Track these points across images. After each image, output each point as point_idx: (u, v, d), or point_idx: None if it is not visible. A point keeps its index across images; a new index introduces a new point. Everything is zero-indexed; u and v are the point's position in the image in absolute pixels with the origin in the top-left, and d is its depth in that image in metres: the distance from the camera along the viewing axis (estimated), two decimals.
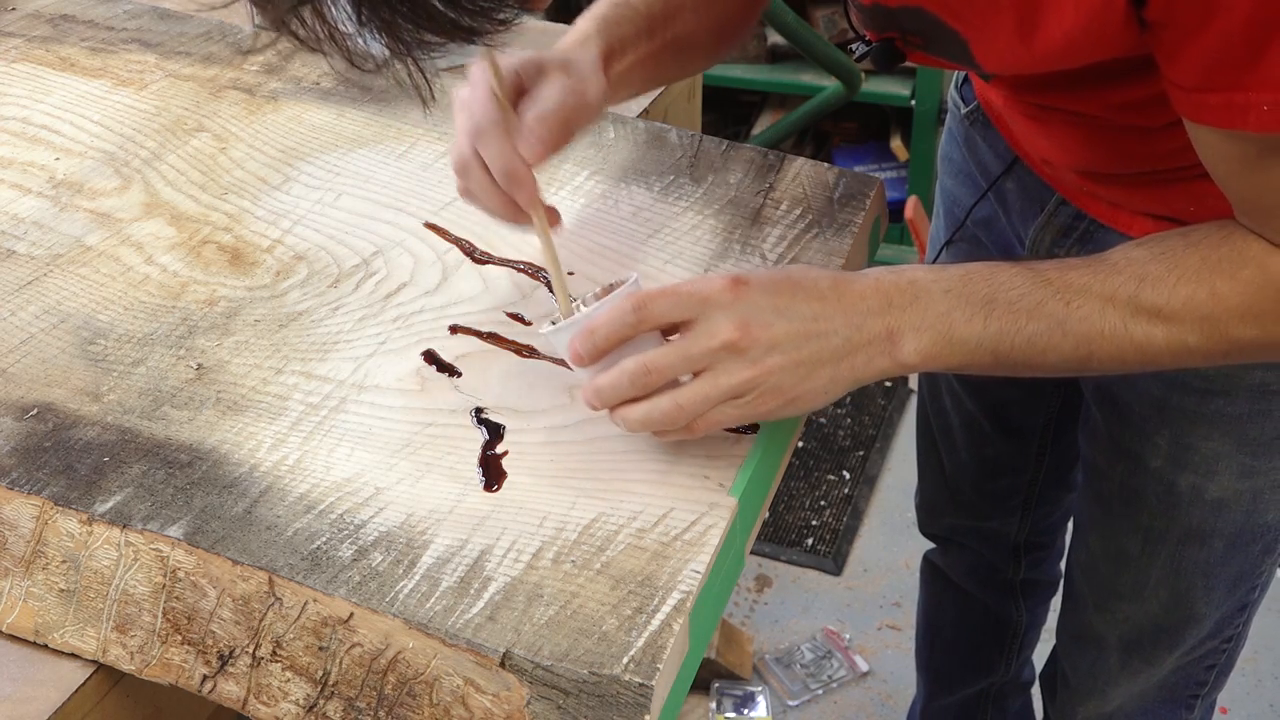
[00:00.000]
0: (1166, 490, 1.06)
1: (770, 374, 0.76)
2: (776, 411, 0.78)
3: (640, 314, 0.77)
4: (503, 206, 0.87)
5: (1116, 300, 0.79)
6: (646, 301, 0.77)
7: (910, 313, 0.79)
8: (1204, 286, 0.78)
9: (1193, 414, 1.01)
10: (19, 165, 1.10)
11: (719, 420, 0.77)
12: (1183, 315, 0.78)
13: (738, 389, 0.76)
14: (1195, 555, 1.09)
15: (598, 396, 0.78)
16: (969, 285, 0.80)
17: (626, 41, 0.94)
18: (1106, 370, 0.82)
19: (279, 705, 0.73)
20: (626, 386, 0.76)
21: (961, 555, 1.49)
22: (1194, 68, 0.73)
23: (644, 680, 0.67)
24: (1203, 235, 0.80)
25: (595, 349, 0.77)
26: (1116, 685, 1.22)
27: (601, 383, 0.77)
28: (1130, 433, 1.06)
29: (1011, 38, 0.80)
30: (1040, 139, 1.03)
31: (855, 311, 0.78)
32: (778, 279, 0.79)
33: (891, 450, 2.39)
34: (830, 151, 2.94)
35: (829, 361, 0.78)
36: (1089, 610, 1.21)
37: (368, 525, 0.76)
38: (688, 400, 0.76)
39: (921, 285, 0.79)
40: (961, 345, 0.79)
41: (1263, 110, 0.71)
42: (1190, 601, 1.12)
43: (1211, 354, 0.80)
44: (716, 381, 0.76)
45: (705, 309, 0.76)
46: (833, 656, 2.00)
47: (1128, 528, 1.11)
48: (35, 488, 0.78)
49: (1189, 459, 1.04)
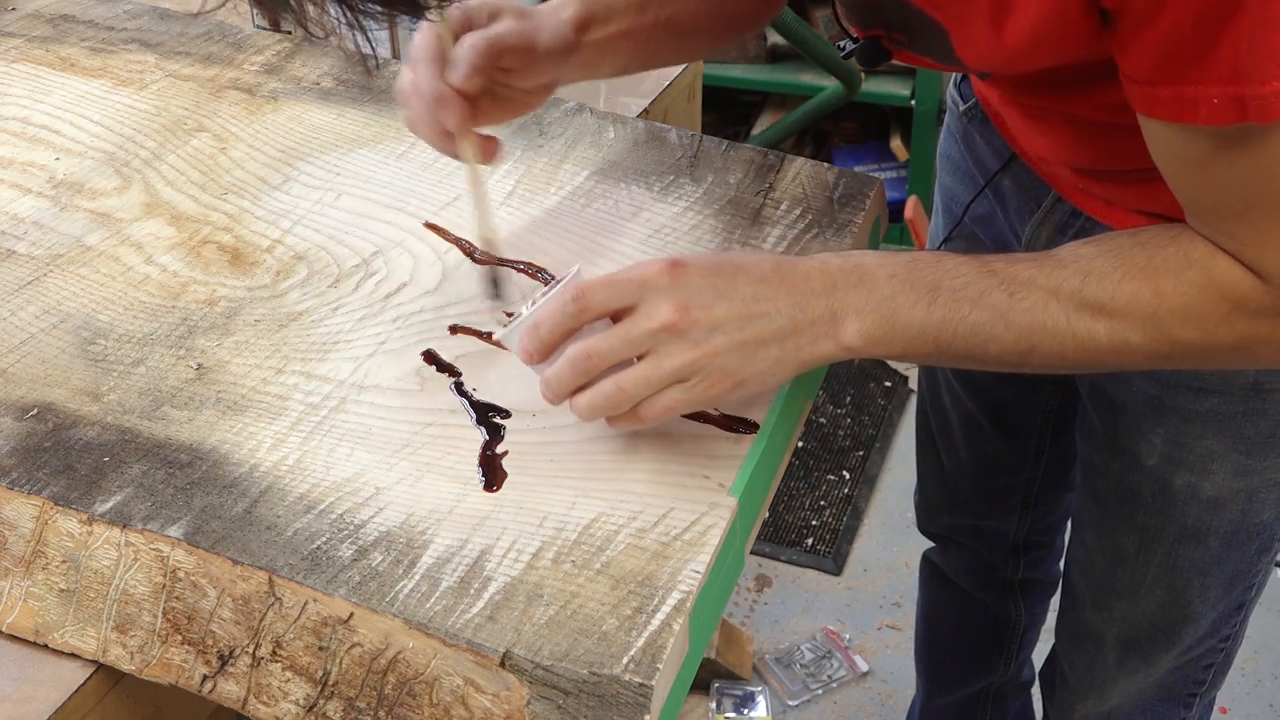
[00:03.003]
0: (1162, 489, 1.06)
1: (714, 355, 0.76)
2: (725, 395, 0.77)
3: (580, 304, 0.76)
4: (434, 134, 0.89)
5: (1061, 294, 0.79)
6: (585, 292, 0.76)
7: (854, 295, 0.78)
8: (1148, 285, 0.78)
9: (1187, 412, 1.02)
10: (19, 165, 1.10)
11: (667, 405, 0.77)
12: (1126, 312, 0.78)
13: (681, 371, 0.76)
14: (1191, 554, 1.09)
15: (548, 388, 0.77)
16: (914, 271, 0.79)
17: (612, 11, 0.94)
18: (1049, 366, 0.82)
19: (279, 705, 0.73)
20: (569, 374, 0.76)
21: (961, 554, 1.49)
22: (1146, 60, 0.73)
23: (644, 680, 0.67)
24: (1151, 235, 0.80)
25: (542, 344, 0.77)
26: (1114, 684, 1.22)
27: (549, 374, 0.77)
28: (1125, 431, 1.07)
29: (986, 28, 0.80)
30: (1035, 137, 1.03)
31: (798, 292, 0.78)
32: (718, 261, 0.78)
33: (891, 450, 2.39)
34: (830, 151, 2.94)
35: (772, 342, 0.77)
36: (1086, 609, 1.21)
37: (368, 525, 0.76)
38: (630, 383, 0.75)
39: (866, 269, 0.79)
40: (904, 330, 0.79)
41: (1212, 104, 0.70)
42: (1187, 600, 1.12)
43: (1153, 354, 0.80)
44: (659, 364, 0.75)
45: (644, 292, 0.76)
46: (833, 656, 2.00)
47: (1124, 526, 1.11)
48: (35, 488, 0.78)
49: (1184, 458, 1.04)
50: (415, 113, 0.89)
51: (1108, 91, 0.88)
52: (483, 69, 0.86)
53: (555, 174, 1.08)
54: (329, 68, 1.23)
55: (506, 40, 0.86)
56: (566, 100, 1.17)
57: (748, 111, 2.97)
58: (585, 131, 1.13)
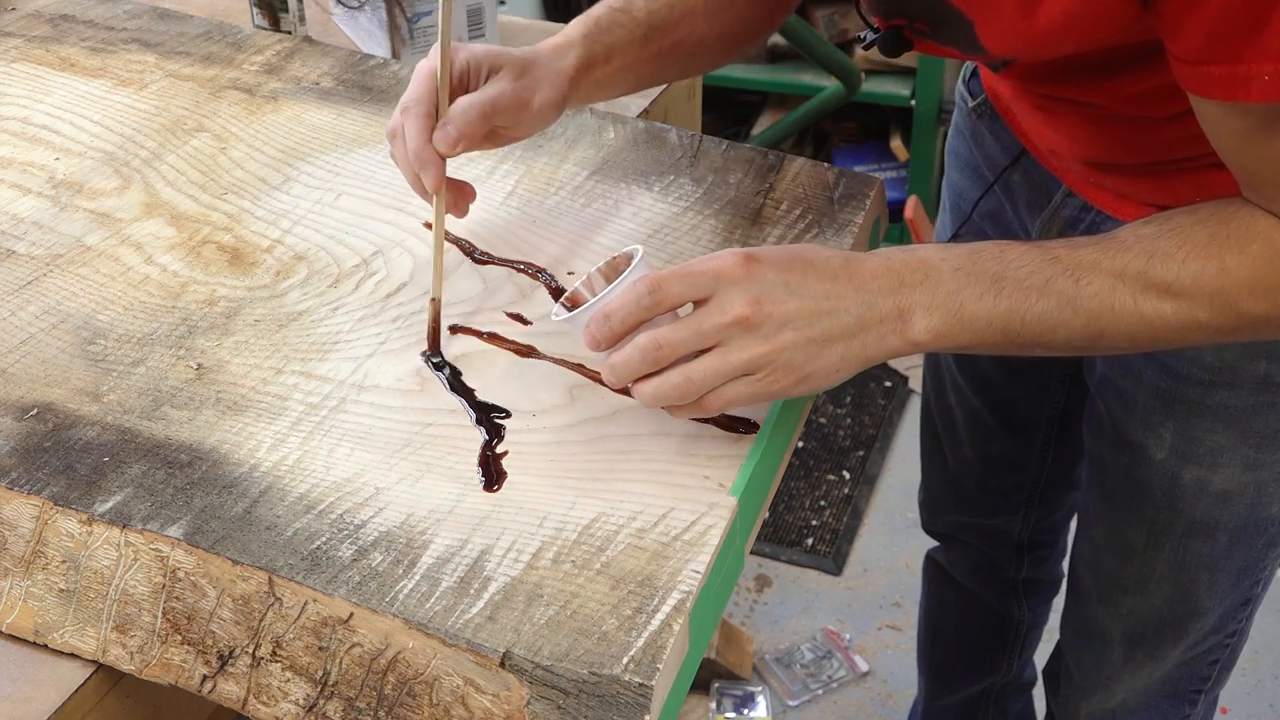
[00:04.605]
0: (1171, 483, 1.07)
1: (782, 350, 0.76)
2: (788, 390, 0.78)
3: (656, 296, 0.76)
4: (413, 181, 0.91)
5: (1126, 276, 0.79)
6: (661, 283, 0.76)
7: (920, 291, 0.79)
8: (1213, 261, 0.78)
9: (1197, 406, 1.02)
10: (19, 165, 1.10)
11: (731, 398, 0.77)
12: (1192, 291, 0.78)
13: (749, 365, 0.76)
14: (1199, 548, 1.09)
15: (613, 372, 0.78)
16: (979, 263, 0.80)
17: (615, 49, 0.95)
18: (1117, 348, 0.83)
19: (279, 705, 0.73)
20: (638, 362, 0.77)
21: (965, 553, 1.49)
22: (1196, 40, 0.73)
23: (644, 680, 0.67)
24: (1210, 211, 0.80)
25: (612, 333, 0.77)
26: (1120, 680, 1.22)
27: (616, 359, 0.77)
28: (1135, 425, 1.07)
29: (1014, 14, 0.80)
30: (1048, 130, 1.03)
31: (866, 290, 0.78)
32: (790, 256, 0.79)
33: (891, 450, 2.39)
34: (830, 151, 2.94)
35: (840, 339, 0.78)
36: (1093, 604, 1.21)
37: (368, 525, 0.76)
38: (698, 374, 0.76)
39: (932, 264, 0.80)
40: (971, 323, 0.79)
41: (1264, 80, 0.71)
42: (1194, 595, 1.12)
43: (1221, 329, 0.80)
44: (727, 357, 0.76)
45: (719, 285, 0.76)
46: (833, 656, 2.00)
47: (1132, 521, 1.11)
48: (35, 488, 0.78)
49: (1193, 451, 1.04)
50: (398, 156, 0.91)
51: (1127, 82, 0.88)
52: (472, 137, 0.88)
53: (555, 174, 1.08)
54: (329, 68, 1.23)
55: (500, 105, 0.88)
56: None
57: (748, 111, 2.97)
58: (585, 131, 1.13)
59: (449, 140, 0.87)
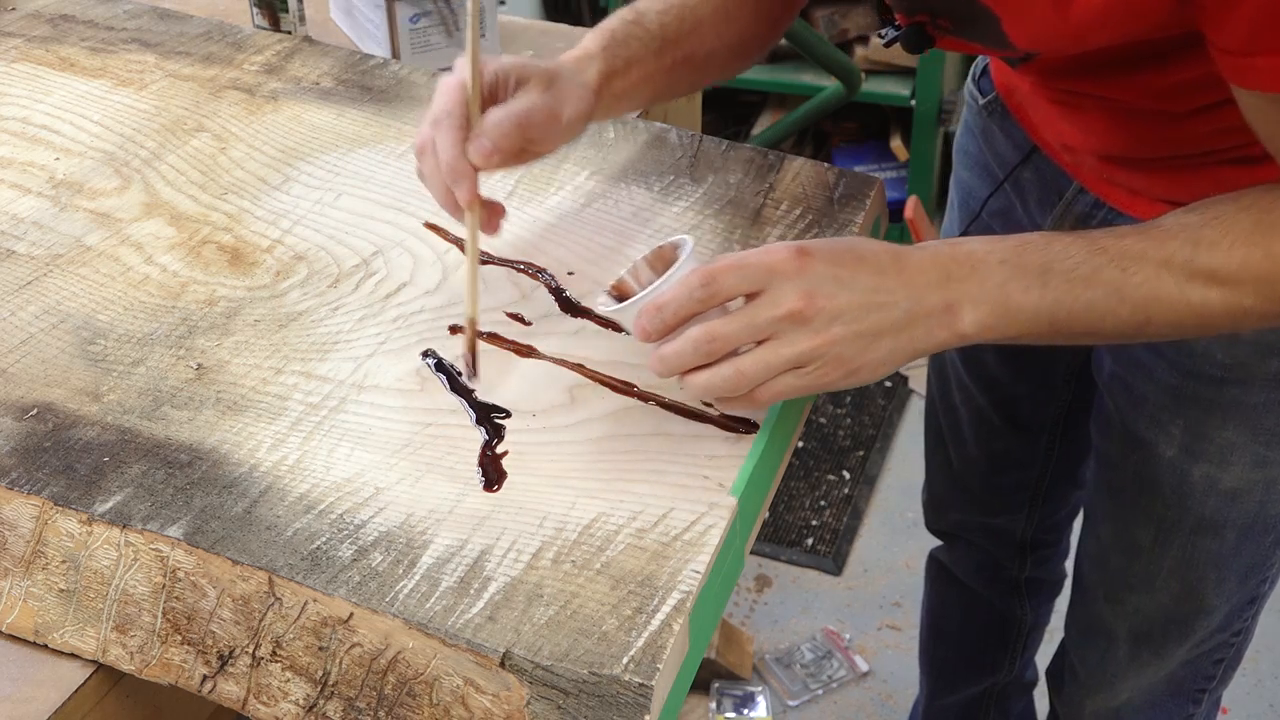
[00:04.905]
0: (1180, 480, 1.07)
1: (833, 344, 0.77)
2: (836, 383, 0.79)
3: (710, 289, 0.77)
4: (444, 197, 0.89)
5: (1172, 265, 0.79)
6: (716, 276, 0.77)
7: (968, 284, 0.79)
8: (1259, 248, 0.79)
9: (1208, 403, 1.02)
10: (19, 165, 1.10)
11: (780, 390, 0.78)
12: (1240, 278, 0.79)
13: (800, 358, 0.77)
14: (1207, 546, 1.09)
15: (663, 363, 0.78)
16: (1025, 255, 0.80)
17: (632, 61, 0.95)
18: (1164, 335, 0.83)
19: (279, 705, 0.73)
20: (690, 354, 0.77)
21: (969, 552, 1.49)
22: (1241, 31, 0.73)
23: (644, 680, 0.67)
24: (1254, 198, 0.81)
25: (664, 325, 0.78)
26: (1125, 678, 1.22)
27: (666, 351, 0.78)
28: (1144, 422, 1.07)
29: (1047, 9, 0.80)
30: (1064, 124, 1.03)
31: (914, 284, 0.79)
32: (841, 250, 0.79)
33: (891, 450, 2.39)
34: (830, 151, 2.94)
35: (889, 333, 0.78)
36: (1099, 602, 1.21)
37: (368, 525, 0.76)
38: (750, 367, 0.77)
39: (978, 257, 0.80)
40: (1018, 315, 0.80)
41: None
42: (1201, 593, 1.12)
43: (1267, 315, 0.81)
44: (779, 350, 0.76)
45: (771, 279, 0.77)
46: (833, 656, 2.00)
47: (1140, 518, 1.12)
48: (35, 488, 0.78)
49: (1203, 449, 1.04)
50: (428, 171, 0.89)
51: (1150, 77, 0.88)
52: (506, 150, 0.86)
53: (555, 174, 1.08)
54: (329, 68, 1.23)
55: (532, 118, 0.87)
56: None
57: (748, 111, 2.97)
58: (585, 131, 1.13)
59: (484, 152, 0.85)
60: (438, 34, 1.31)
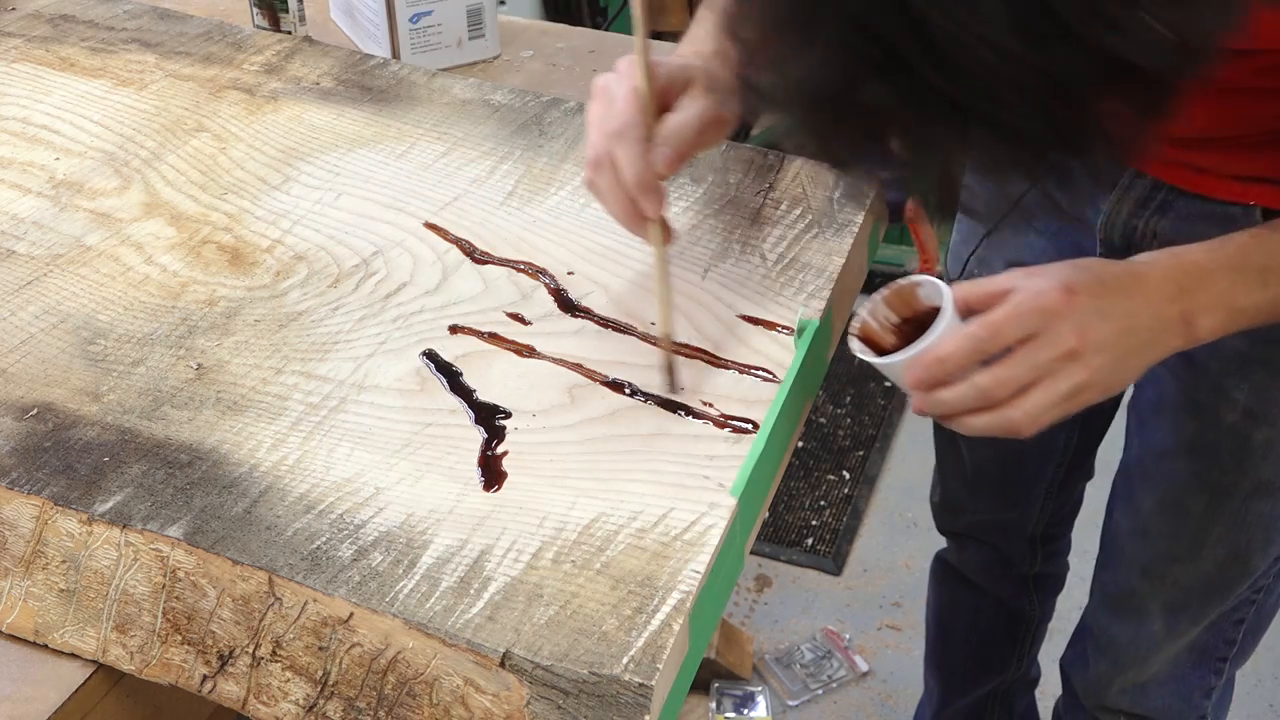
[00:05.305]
0: (1240, 445, 1.08)
1: (1097, 372, 0.81)
2: (1092, 402, 0.83)
3: (996, 341, 0.80)
4: (626, 211, 0.87)
5: None
6: (1000, 329, 0.80)
7: (1200, 294, 0.84)
8: None
9: (1275, 366, 1.04)
10: (19, 165, 1.10)
11: (1048, 421, 0.82)
12: None
13: (1073, 391, 0.81)
14: (1261, 508, 1.11)
15: (939, 408, 0.82)
16: (1246, 257, 0.86)
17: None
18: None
19: (279, 705, 0.73)
20: (973, 400, 0.81)
21: (979, 551, 1.49)
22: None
23: (644, 680, 0.67)
24: None
25: (947, 376, 0.81)
26: (1160, 650, 1.23)
27: (948, 397, 0.81)
28: (1206, 389, 1.08)
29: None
30: None
31: (1154, 301, 0.84)
32: (1095, 281, 0.83)
33: (891, 450, 2.39)
34: None
35: (1137, 352, 0.83)
36: (1135, 578, 1.21)
37: (368, 525, 0.76)
38: (1034, 407, 0.81)
39: (1204, 266, 0.85)
40: (1243, 314, 0.85)
41: None
42: (1248, 555, 1.14)
43: None
44: (1056, 388, 0.81)
45: (1048, 322, 0.80)
46: (833, 656, 2.00)
47: (1193, 485, 1.13)
48: (35, 488, 0.78)
49: (1267, 411, 1.06)
50: (605, 185, 0.86)
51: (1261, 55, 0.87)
52: (686, 158, 0.86)
53: (555, 174, 1.08)
54: (329, 68, 1.23)
55: (704, 126, 0.86)
56: (567, 100, 1.17)
57: None
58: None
59: (668, 161, 0.84)
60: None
